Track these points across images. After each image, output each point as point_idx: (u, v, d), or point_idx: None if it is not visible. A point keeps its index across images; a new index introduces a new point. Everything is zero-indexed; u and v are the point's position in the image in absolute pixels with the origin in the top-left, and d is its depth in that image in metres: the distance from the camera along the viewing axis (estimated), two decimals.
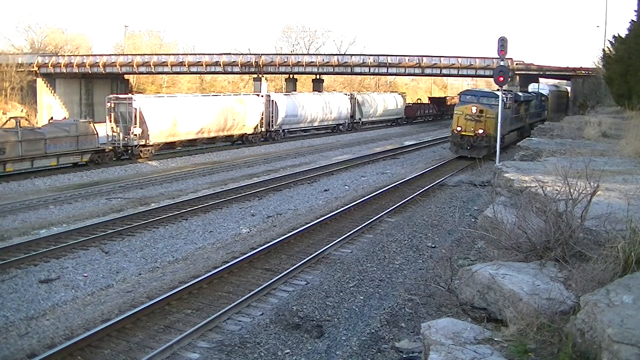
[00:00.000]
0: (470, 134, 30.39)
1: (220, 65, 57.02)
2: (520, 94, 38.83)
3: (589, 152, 14.86)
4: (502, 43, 21.16)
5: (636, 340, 4.01)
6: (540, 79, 57.25)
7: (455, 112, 32.10)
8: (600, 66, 40.25)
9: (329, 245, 14.33)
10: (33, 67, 56.58)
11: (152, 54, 61.63)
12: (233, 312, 10.39)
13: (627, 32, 29.75)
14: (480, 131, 30.04)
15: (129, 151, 31.32)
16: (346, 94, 56.55)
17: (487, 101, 30.88)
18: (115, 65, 58.23)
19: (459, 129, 30.71)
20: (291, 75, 62.12)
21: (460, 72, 54.72)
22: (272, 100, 42.88)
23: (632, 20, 28.84)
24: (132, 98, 32.51)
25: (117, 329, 9.65)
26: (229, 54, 61.08)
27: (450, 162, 30.84)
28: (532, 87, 53.29)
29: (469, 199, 20.50)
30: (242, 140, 40.31)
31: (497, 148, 22.75)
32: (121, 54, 63.87)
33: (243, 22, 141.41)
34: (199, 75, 71.46)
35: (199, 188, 23.21)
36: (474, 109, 30.37)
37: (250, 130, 40.41)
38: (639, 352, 3.94)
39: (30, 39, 74.18)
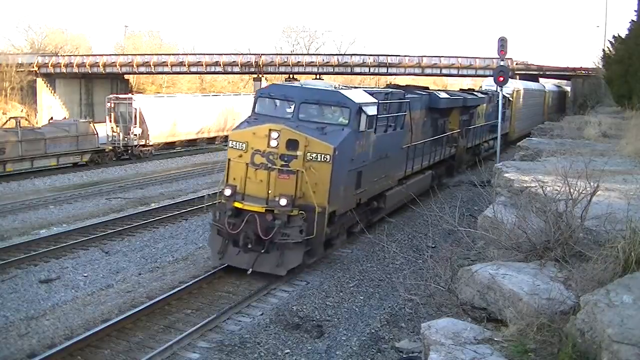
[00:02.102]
0: (256, 208, 11.98)
1: (220, 65, 57.01)
2: (440, 95, 20.67)
3: (589, 152, 14.84)
4: (502, 43, 21.16)
5: (636, 340, 4.01)
6: (540, 79, 57.12)
7: (230, 143, 13.06)
8: (600, 66, 40.21)
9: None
10: (33, 67, 56.53)
11: (152, 54, 61.55)
12: (233, 312, 10.39)
13: (627, 32, 29.74)
14: (283, 202, 11.82)
15: (129, 151, 31.33)
16: None
17: (320, 114, 13.03)
18: (115, 65, 58.17)
19: (228, 192, 12.34)
20: (291, 75, 62.05)
21: (460, 72, 54.78)
22: None
23: (632, 20, 28.83)
24: (132, 98, 32.56)
25: (117, 328, 9.65)
26: (229, 54, 61.01)
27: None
28: (486, 83, 35.99)
29: (469, 199, 20.47)
30: None
31: (497, 148, 22.73)
32: (121, 54, 63.80)
33: (243, 22, 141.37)
34: (199, 75, 71.40)
35: (199, 188, 23.19)
36: (274, 138, 12.21)
37: None
38: (639, 352, 3.94)
39: (30, 39, 74.11)
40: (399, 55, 55.72)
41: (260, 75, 57.34)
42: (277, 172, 11.95)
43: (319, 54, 62.86)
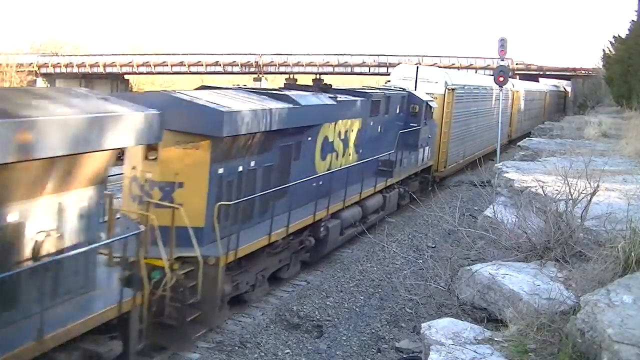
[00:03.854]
0: None
1: (220, 65, 57.14)
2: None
3: (589, 152, 14.85)
4: (502, 43, 21.17)
5: (636, 340, 4.02)
6: (540, 79, 57.13)
7: None
8: (600, 66, 40.29)
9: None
10: (33, 67, 56.64)
11: (152, 54, 61.68)
12: (233, 312, 10.38)
13: (627, 32, 29.80)
14: None
15: None
16: None
17: None
18: (116, 65, 58.26)
19: None
20: (291, 75, 62.00)
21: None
22: None
23: (632, 20, 28.90)
24: None
25: None
26: (229, 54, 61.13)
27: None
28: (396, 75, 21.44)
29: (469, 199, 20.46)
30: None
31: (497, 149, 22.72)
32: (121, 54, 63.86)
33: (243, 22, 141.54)
34: (199, 75, 71.49)
35: None
36: None
37: None
38: (639, 352, 3.95)
39: (31, 39, 74.27)
40: (399, 55, 55.74)
41: (260, 75, 57.40)
42: None
43: (319, 54, 62.77)
